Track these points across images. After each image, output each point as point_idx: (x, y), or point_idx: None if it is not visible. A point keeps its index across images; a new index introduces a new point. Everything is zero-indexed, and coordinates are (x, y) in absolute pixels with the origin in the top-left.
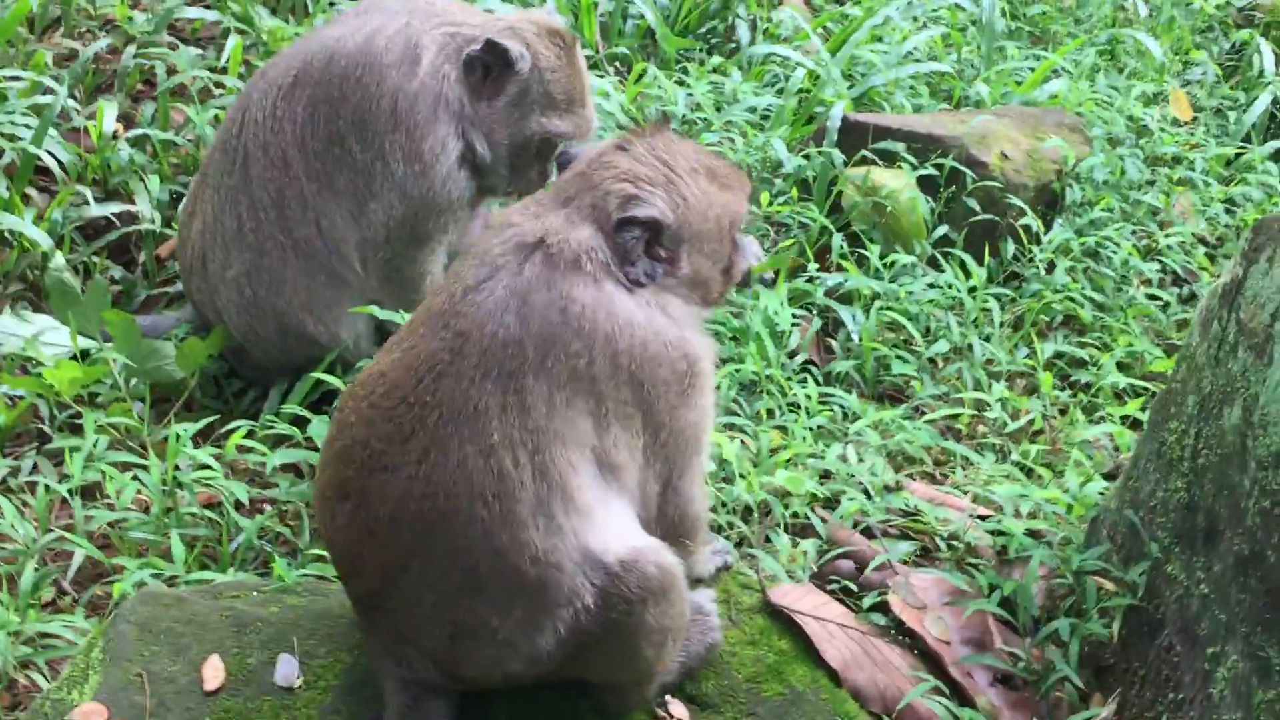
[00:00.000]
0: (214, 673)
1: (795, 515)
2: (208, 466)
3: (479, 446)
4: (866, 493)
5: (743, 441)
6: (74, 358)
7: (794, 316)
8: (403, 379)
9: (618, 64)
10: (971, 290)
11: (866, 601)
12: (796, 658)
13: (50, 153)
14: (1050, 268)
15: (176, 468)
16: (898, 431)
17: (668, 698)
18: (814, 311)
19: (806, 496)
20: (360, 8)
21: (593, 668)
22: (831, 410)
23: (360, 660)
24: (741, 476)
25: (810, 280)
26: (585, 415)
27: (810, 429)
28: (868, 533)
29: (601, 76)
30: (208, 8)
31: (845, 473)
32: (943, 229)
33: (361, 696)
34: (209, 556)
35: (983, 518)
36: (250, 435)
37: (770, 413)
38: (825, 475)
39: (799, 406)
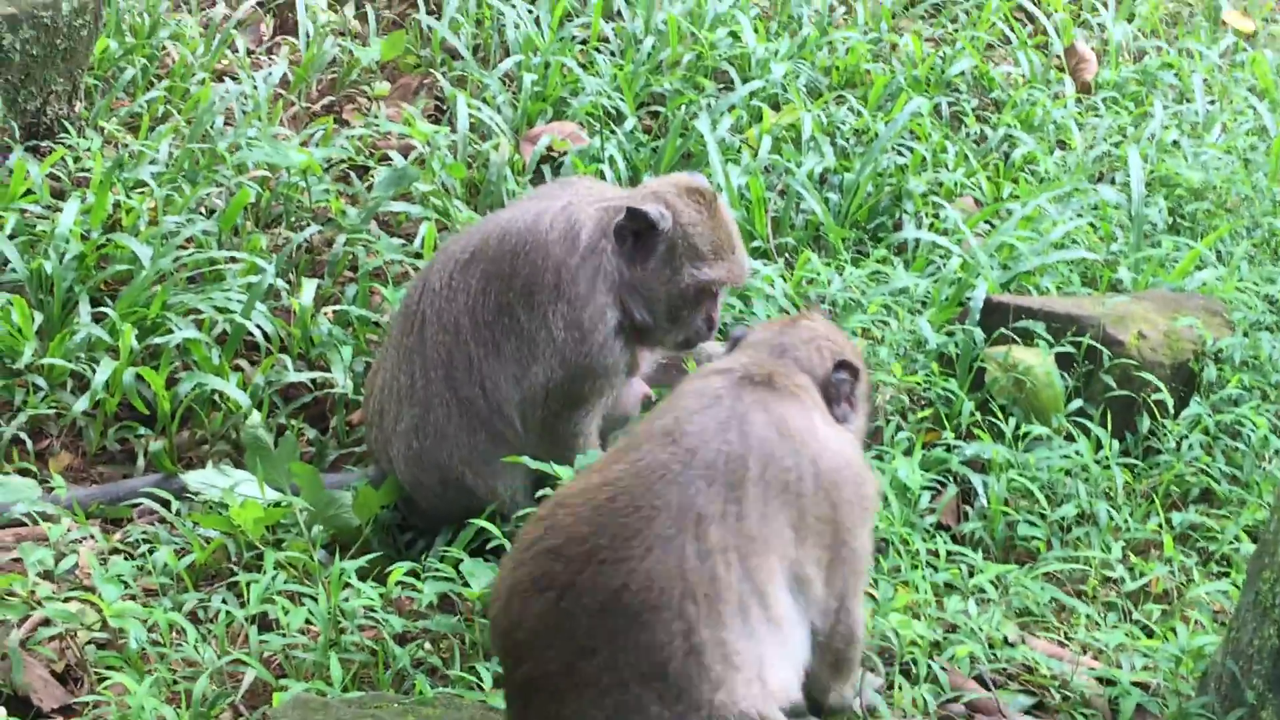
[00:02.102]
0: None
1: (913, 662)
2: (372, 606)
3: (697, 549)
4: (985, 644)
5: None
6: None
7: (931, 483)
8: (632, 484)
9: (787, 255)
10: (1101, 461)
11: None
12: None
13: (258, 326)
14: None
15: (343, 600)
16: (1018, 587)
17: None
18: (953, 479)
19: (925, 644)
20: (532, 193)
21: None
22: (958, 568)
23: None
24: None
25: (948, 449)
26: (788, 526)
27: (934, 584)
28: (982, 681)
29: (770, 264)
30: (411, 202)
31: (965, 625)
32: (1078, 403)
33: None
34: (366, 681)
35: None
36: (412, 574)
37: (896, 570)
38: (951, 628)
39: (924, 565)
